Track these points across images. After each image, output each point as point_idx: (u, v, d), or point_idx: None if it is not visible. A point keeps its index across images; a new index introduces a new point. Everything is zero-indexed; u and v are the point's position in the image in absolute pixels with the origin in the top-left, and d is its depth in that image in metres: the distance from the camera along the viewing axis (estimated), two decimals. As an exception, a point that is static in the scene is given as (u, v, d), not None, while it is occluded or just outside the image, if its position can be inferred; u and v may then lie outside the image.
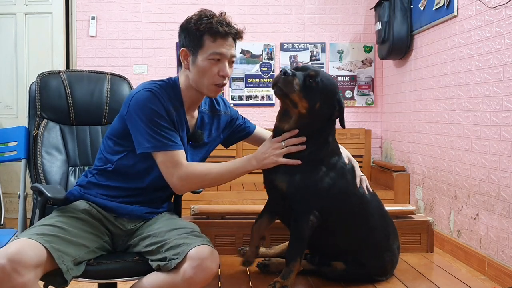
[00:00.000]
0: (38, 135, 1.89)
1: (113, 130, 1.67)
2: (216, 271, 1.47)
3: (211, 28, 1.52)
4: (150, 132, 1.52)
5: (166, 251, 1.47)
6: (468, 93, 3.12)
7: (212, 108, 1.76)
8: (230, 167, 1.58)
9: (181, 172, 1.53)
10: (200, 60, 1.55)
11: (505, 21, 2.72)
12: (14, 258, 1.29)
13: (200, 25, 1.53)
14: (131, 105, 1.56)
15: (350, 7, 4.70)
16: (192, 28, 1.54)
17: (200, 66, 1.56)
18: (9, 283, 1.29)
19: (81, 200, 1.65)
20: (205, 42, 1.54)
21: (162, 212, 1.72)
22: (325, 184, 1.52)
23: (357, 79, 4.75)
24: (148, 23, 4.60)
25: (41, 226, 1.47)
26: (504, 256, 2.74)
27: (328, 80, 1.52)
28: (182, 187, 1.58)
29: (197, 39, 1.54)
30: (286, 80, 1.44)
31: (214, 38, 1.53)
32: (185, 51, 1.59)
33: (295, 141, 1.51)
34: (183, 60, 1.60)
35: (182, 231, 1.54)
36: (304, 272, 1.67)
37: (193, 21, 1.55)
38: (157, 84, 1.60)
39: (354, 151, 4.52)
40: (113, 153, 1.65)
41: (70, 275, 1.41)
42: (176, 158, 1.53)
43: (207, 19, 1.53)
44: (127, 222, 1.66)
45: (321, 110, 1.50)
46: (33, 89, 1.95)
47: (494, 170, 2.83)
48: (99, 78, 2.08)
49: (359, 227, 1.61)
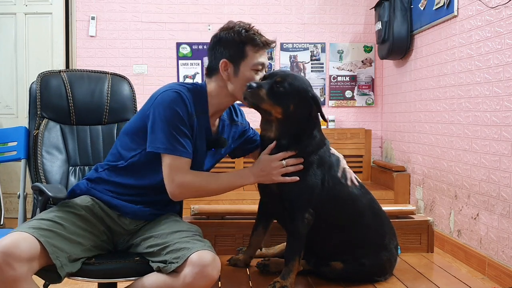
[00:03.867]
0: (39, 134, 1.89)
1: (133, 127, 1.66)
2: (217, 278, 1.47)
3: (253, 40, 1.57)
4: (167, 133, 1.52)
5: (167, 254, 1.48)
6: (468, 93, 3.12)
7: (231, 118, 1.78)
8: (229, 181, 1.62)
9: (183, 180, 1.55)
10: (243, 70, 1.58)
11: (505, 21, 2.72)
12: (7, 251, 1.29)
13: (241, 36, 1.57)
14: (156, 102, 1.56)
15: (350, 7, 4.70)
16: (234, 38, 1.57)
17: (245, 76, 1.58)
18: (1, 275, 1.29)
19: (86, 195, 1.66)
20: (248, 53, 1.58)
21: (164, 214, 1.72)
22: (317, 181, 1.55)
23: (357, 79, 4.75)
24: (148, 23, 4.60)
25: (39, 220, 1.47)
26: (504, 256, 2.73)
27: (297, 81, 1.57)
28: (180, 194, 1.59)
29: (240, 50, 1.57)
30: (252, 93, 1.52)
31: (256, 49, 1.58)
32: (226, 62, 1.59)
33: (294, 161, 1.56)
34: (223, 71, 1.60)
35: (184, 234, 1.54)
36: (304, 272, 1.67)
37: (232, 32, 1.58)
38: (186, 86, 1.61)
39: (354, 151, 4.52)
40: (129, 149, 1.65)
41: (64, 270, 1.40)
42: (182, 165, 1.55)
43: (244, 30, 1.58)
44: (130, 221, 1.66)
45: (297, 111, 1.55)
46: (34, 88, 1.95)
47: (494, 170, 2.82)
48: (100, 78, 2.08)
49: (353, 224, 1.63)
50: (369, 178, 4.60)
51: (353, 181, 1.64)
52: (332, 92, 4.74)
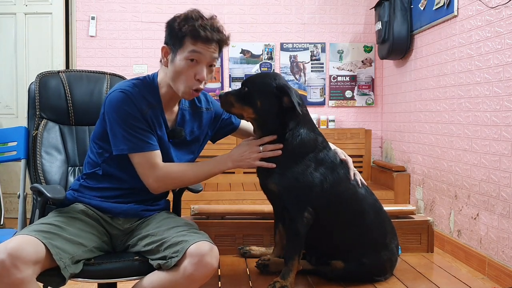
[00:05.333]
0: (38, 135, 1.89)
1: (96, 133, 1.67)
2: (217, 267, 1.47)
3: (193, 31, 1.51)
4: (125, 133, 1.53)
5: (166, 250, 1.47)
6: (468, 93, 3.12)
7: (193, 105, 1.74)
8: (205, 169, 1.63)
9: (157, 174, 1.56)
10: (178, 59, 1.53)
11: (505, 21, 2.72)
12: (14, 254, 1.29)
13: (183, 26, 1.52)
14: (106, 106, 1.57)
15: (350, 7, 4.70)
16: (176, 27, 1.53)
17: (177, 66, 1.54)
18: (8, 278, 1.29)
19: (77, 202, 1.65)
20: (186, 43, 1.53)
21: (159, 210, 1.72)
22: (315, 180, 1.55)
23: (357, 79, 4.75)
24: (148, 23, 4.60)
25: (39, 224, 1.47)
26: (504, 256, 2.73)
27: (257, 78, 1.63)
28: (159, 188, 1.60)
29: (179, 39, 1.53)
30: (223, 101, 1.62)
31: (195, 41, 1.52)
32: (166, 48, 1.58)
33: (271, 147, 1.58)
34: (163, 57, 1.59)
35: (181, 229, 1.54)
36: (304, 271, 1.67)
37: (178, 20, 1.54)
38: (132, 83, 1.60)
39: (354, 151, 4.52)
40: (99, 155, 1.66)
41: (68, 272, 1.40)
42: (152, 160, 1.56)
43: (192, 20, 1.52)
44: (123, 221, 1.66)
45: (265, 105, 1.57)
46: (33, 89, 1.94)
47: (494, 170, 2.82)
48: (98, 78, 2.07)
49: (354, 223, 1.63)
50: (369, 178, 4.60)
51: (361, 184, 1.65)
52: (332, 92, 4.74)
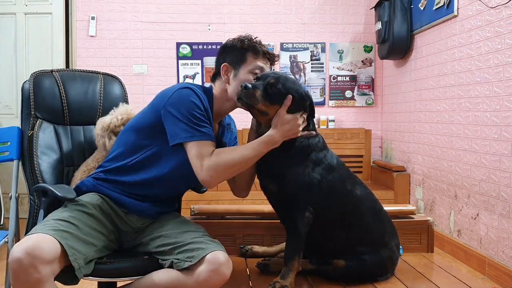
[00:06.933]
0: (34, 135, 1.88)
1: (142, 124, 1.68)
2: (228, 277, 1.50)
3: (254, 47, 1.67)
4: (189, 123, 1.56)
5: (179, 254, 1.52)
6: (468, 93, 3.12)
7: (228, 124, 1.86)
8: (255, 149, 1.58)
9: (209, 163, 1.55)
10: (242, 73, 1.66)
11: (505, 21, 2.72)
12: (32, 253, 1.30)
13: (244, 44, 1.68)
14: (172, 98, 1.59)
15: (350, 7, 4.70)
16: (237, 45, 1.68)
17: (242, 79, 1.65)
18: (25, 277, 1.30)
19: (94, 192, 1.66)
20: (248, 58, 1.67)
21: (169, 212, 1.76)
22: (314, 180, 1.57)
23: (357, 79, 4.75)
24: (148, 23, 4.60)
25: (56, 220, 1.48)
26: (504, 256, 2.73)
27: (288, 81, 1.62)
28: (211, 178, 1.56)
29: (241, 55, 1.67)
30: (247, 94, 1.55)
31: (256, 55, 1.68)
32: (227, 66, 1.69)
33: None
34: (223, 74, 1.69)
35: (195, 235, 1.58)
36: (304, 271, 1.67)
37: (237, 40, 1.70)
38: (196, 86, 1.67)
39: (354, 151, 4.53)
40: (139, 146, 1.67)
41: (82, 273, 1.42)
42: (207, 149, 1.56)
43: (249, 40, 1.69)
44: (137, 219, 1.69)
45: (293, 108, 1.58)
46: (27, 88, 1.91)
47: (494, 170, 2.82)
48: (92, 78, 2.07)
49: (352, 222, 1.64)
50: (369, 178, 4.60)
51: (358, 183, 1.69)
52: (332, 92, 4.74)
